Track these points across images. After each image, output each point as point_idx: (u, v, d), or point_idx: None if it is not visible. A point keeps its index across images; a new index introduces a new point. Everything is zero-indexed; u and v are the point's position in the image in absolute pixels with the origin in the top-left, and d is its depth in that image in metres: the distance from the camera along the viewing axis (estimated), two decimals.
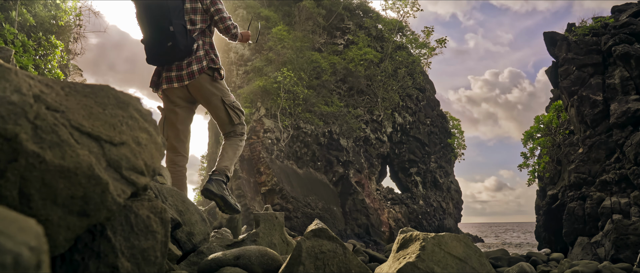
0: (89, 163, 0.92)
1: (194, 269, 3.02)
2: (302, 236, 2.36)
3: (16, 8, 10.77)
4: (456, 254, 2.50)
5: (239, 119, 3.57)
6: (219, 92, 3.47)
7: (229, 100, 3.52)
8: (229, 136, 3.60)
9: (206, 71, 3.40)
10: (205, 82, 3.42)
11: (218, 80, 3.49)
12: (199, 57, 3.38)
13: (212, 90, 3.44)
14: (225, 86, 3.59)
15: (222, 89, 3.51)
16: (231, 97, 3.56)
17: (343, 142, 23.11)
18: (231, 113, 3.52)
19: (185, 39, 3.28)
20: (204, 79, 3.41)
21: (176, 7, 3.30)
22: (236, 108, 3.56)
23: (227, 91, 3.54)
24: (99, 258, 1.04)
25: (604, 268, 9.37)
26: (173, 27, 3.22)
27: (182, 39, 3.24)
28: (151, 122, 1.27)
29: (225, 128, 3.59)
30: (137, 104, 1.23)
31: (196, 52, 3.38)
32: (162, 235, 1.24)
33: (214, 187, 3.32)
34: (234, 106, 3.54)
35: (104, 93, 1.15)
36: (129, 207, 1.17)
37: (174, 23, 3.23)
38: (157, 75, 3.53)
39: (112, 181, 0.99)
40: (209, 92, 3.45)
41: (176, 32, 3.21)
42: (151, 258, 1.17)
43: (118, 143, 1.07)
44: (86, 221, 0.92)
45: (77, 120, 0.99)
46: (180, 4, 3.34)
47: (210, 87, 3.44)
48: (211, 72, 3.43)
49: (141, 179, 1.09)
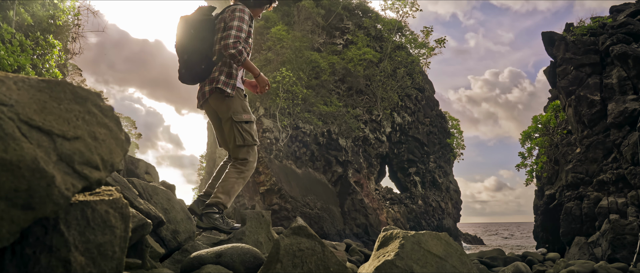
0: (34, 156, 0.92)
1: (177, 267, 3.03)
2: (281, 234, 2.37)
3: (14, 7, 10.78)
4: (436, 252, 2.50)
5: (242, 141, 3.62)
6: (229, 111, 3.61)
7: (239, 119, 3.62)
8: (233, 164, 3.68)
9: (216, 91, 3.59)
10: (215, 100, 3.63)
11: (230, 98, 3.61)
12: (212, 78, 3.60)
13: (222, 108, 3.62)
14: (238, 105, 3.66)
15: (232, 107, 3.62)
16: (242, 117, 3.64)
17: (342, 142, 23.11)
18: (236, 132, 3.61)
19: (202, 63, 3.57)
20: (214, 98, 3.62)
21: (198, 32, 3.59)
22: (244, 130, 3.63)
23: (239, 110, 3.63)
24: (51, 252, 1.05)
25: (600, 268, 9.37)
26: (187, 55, 3.57)
27: (197, 64, 3.56)
28: (112, 117, 1.27)
29: (230, 149, 3.74)
30: (96, 99, 1.23)
31: (213, 73, 3.61)
32: (122, 230, 1.24)
33: (203, 223, 3.56)
34: (242, 127, 3.62)
35: (60, 88, 1.15)
36: (86, 202, 1.17)
37: (189, 50, 3.56)
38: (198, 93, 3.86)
39: (61, 175, 1.00)
40: (220, 110, 3.65)
41: (190, 60, 3.56)
42: (108, 253, 1.17)
43: (71, 137, 1.08)
44: (31, 214, 0.92)
45: (27, 114, 1.00)
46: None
47: (221, 105, 3.62)
48: (220, 91, 3.58)
49: (95, 173, 1.09)
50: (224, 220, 3.74)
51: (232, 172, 3.63)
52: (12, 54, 10.20)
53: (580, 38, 15.34)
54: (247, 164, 3.65)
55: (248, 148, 3.65)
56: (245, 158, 3.65)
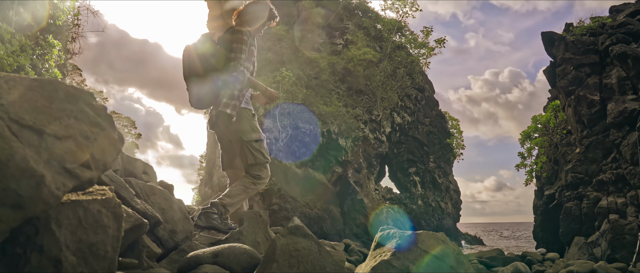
0: (23, 155, 0.92)
1: (174, 267, 3.02)
2: (277, 234, 2.36)
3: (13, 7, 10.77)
4: (432, 252, 2.49)
5: (253, 159, 3.73)
6: (238, 132, 3.73)
7: (248, 138, 3.73)
8: (246, 176, 3.81)
9: (221, 114, 3.73)
10: (223, 123, 3.77)
11: (238, 120, 3.74)
12: (217, 102, 3.76)
13: (230, 129, 3.76)
14: (247, 125, 3.79)
15: (241, 128, 3.74)
16: (251, 136, 3.75)
17: (342, 142, 23.10)
18: (247, 152, 3.73)
19: (206, 89, 3.75)
20: (222, 121, 3.76)
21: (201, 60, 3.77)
22: (254, 149, 3.74)
23: (247, 130, 3.75)
24: (42, 251, 1.04)
25: (599, 268, 9.36)
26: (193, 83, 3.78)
27: (203, 91, 3.76)
28: (105, 117, 1.26)
29: (245, 167, 3.84)
30: (88, 98, 1.23)
31: (219, 96, 3.76)
32: (114, 229, 1.24)
33: (201, 221, 3.64)
34: (252, 146, 3.74)
35: (52, 87, 1.15)
36: (78, 201, 1.16)
37: (194, 78, 3.77)
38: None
39: (52, 174, 1.00)
40: (229, 132, 3.80)
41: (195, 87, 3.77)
42: (100, 253, 1.17)
43: (63, 136, 1.07)
44: (21, 213, 0.92)
45: (18, 113, 0.99)
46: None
47: (230, 127, 3.75)
48: (225, 115, 3.71)
49: (86, 173, 1.09)
50: (222, 220, 3.76)
51: (243, 181, 3.77)
52: (12, 54, 10.18)
53: (580, 38, 15.33)
54: (259, 179, 3.78)
55: (260, 166, 3.77)
56: (258, 175, 3.77)
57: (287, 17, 26.54)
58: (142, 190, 3.26)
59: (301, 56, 23.38)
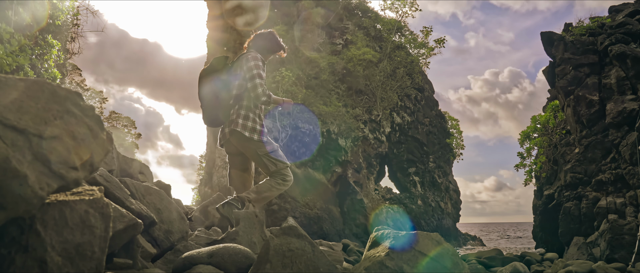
0: (5, 155, 0.92)
1: (169, 267, 3.01)
2: (271, 234, 2.36)
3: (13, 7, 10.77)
4: (428, 253, 2.48)
5: (274, 167, 3.98)
6: (254, 147, 3.96)
7: (263, 152, 3.97)
8: (271, 176, 4.04)
9: (235, 133, 3.94)
10: (237, 140, 3.99)
11: (250, 137, 3.93)
12: (230, 120, 4.00)
13: (245, 146, 3.99)
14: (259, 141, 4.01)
15: (256, 143, 3.96)
16: (265, 149, 3.99)
17: (341, 142, 23.09)
18: (267, 162, 3.97)
19: (219, 110, 4.01)
20: (235, 138, 3.98)
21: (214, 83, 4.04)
22: (272, 159, 3.99)
23: (261, 145, 3.97)
24: (27, 252, 1.04)
25: (598, 268, 9.34)
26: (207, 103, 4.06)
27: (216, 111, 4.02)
28: (92, 117, 1.26)
29: (268, 174, 4.06)
30: (76, 99, 1.22)
31: (231, 115, 4.02)
32: (102, 230, 1.24)
33: (222, 209, 3.84)
34: (269, 157, 3.98)
35: (38, 87, 1.14)
36: (65, 201, 1.16)
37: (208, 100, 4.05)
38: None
39: (36, 174, 0.99)
40: (243, 148, 4.03)
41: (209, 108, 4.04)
42: (87, 253, 1.16)
43: (48, 136, 1.07)
44: (3, 214, 0.91)
45: (2, 113, 0.99)
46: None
47: (245, 143, 3.97)
48: (239, 134, 3.92)
49: (72, 173, 1.09)
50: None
51: (270, 180, 3.99)
52: (11, 54, 10.18)
53: (579, 38, 15.33)
54: (286, 179, 4.02)
55: (283, 170, 4.02)
56: (283, 176, 4.02)
57: (287, 17, 26.53)
58: (138, 190, 3.26)
59: (301, 55, 23.37)
